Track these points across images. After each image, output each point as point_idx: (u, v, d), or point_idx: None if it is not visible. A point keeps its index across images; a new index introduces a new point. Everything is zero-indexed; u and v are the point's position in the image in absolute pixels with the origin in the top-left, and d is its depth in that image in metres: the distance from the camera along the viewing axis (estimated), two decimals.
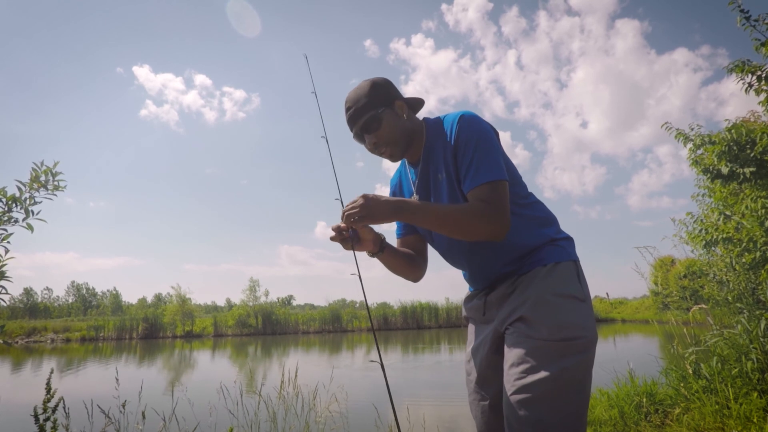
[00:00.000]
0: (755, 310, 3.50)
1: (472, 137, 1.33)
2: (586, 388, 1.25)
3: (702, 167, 4.45)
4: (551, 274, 1.34)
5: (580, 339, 1.25)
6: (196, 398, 4.11)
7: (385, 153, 1.44)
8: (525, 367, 1.23)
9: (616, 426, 3.41)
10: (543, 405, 1.19)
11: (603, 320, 32.49)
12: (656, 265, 17.76)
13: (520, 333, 1.28)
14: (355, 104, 1.42)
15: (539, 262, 1.36)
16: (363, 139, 1.45)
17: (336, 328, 30.51)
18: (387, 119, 1.41)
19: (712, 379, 3.33)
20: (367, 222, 1.27)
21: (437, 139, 1.42)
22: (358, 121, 1.41)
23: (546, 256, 1.37)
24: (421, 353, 15.43)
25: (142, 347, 22.51)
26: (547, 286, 1.32)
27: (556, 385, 1.19)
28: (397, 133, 1.42)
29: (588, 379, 1.26)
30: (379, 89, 1.43)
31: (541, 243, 1.39)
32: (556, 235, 1.43)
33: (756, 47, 3.90)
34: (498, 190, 1.29)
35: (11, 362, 16.49)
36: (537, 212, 1.45)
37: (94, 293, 62.44)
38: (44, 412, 2.31)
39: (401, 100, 1.46)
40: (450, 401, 6.76)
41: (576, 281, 1.36)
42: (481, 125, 1.35)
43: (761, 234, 3.60)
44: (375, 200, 1.27)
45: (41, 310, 53.52)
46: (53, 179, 2.10)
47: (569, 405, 1.20)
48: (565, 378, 1.20)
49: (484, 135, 1.34)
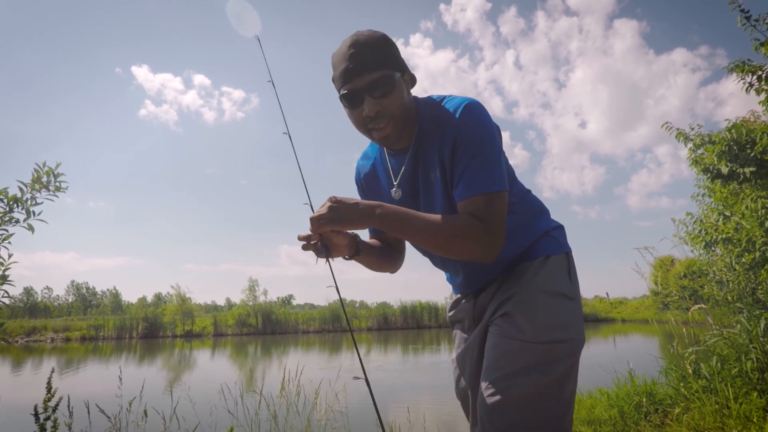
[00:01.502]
0: (755, 310, 3.51)
1: (476, 137, 1.12)
2: (567, 395, 1.15)
3: (702, 167, 4.46)
4: (541, 268, 1.23)
5: (565, 342, 1.15)
6: (197, 398, 4.11)
7: (382, 129, 1.15)
8: (504, 370, 1.14)
9: (616, 426, 3.41)
10: (518, 410, 1.10)
11: (603, 320, 32.50)
12: (656, 265, 17.77)
13: (502, 331, 1.18)
14: (368, 50, 1.10)
15: (530, 256, 1.26)
16: (359, 101, 1.13)
17: (336, 327, 30.50)
18: (399, 87, 1.14)
19: (711, 378, 3.33)
20: (335, 228, 1.10)
21: (434, 128, 1.19)
22: (366, 75, 1.10)
23: (538, 249, 1.26)
24: (421, 353, 15.44)
25: (142, 346, 22.51)
26: (536, 281, 1.21)
27: (535, 391, 1.11)
28: (403, 110, 1.16)
29: (571, 385, 1.16)
30: (396, 50, 1.16)
31: (536, 237, 1.29)
32: (549, 225, 1.33)
33: (756, 47, 3.91)
34: (495, 204, 1.11)
35: (11, 361, 16.50)
36: (531, 205, 1.34)
37: (94, 293, 62.47)
38: (45, 412, 2.32)
39: (410, 72, 1.20)
40: (450, 401, 6.76)
41: (566, 277, 1.25)
42: (488, 123, 1.15)
43: (761, 234, 3.61)
44: (344, 204, 1.10)
45: (41, 309, 53.54)
46: (55, 180, 2.10)
47: (547, 411, 1.11)
48: (545, 383, 1.11)
49: (489, 136, 1.13)
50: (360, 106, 1.13)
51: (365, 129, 1.18)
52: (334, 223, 1.09)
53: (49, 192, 2.10)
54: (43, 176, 2.06)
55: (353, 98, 1.13)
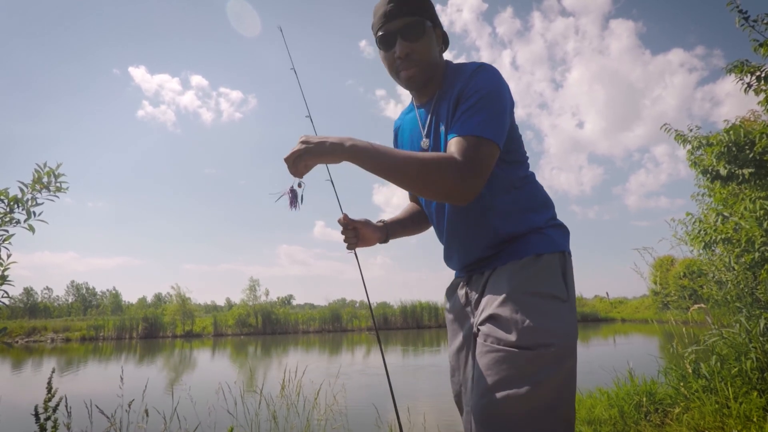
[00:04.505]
0: (754, 310, 3.51)
1: (482, 88, 1.13)
2: (562, 404, 1.06)
3: (701, 168, 4.46)
4: (531, 267, 1.16)
5: (553, 347, 1.05)
6: (197, 398, 4.11)
7: (410, 71, 1.23)
8: (490, 382, 1.06)
9: (616, 425, 3.41)
10: (509, 425, 1.03)
11: (603, 320, 32.55)
12: (656, 265, 17.78)
13: (487, 338, 1.12)
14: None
15: (519, 253, 1.19)
16: (392, 44, 1.22)
17: (336, 327, 30.51)
18: (429, 35, 1.23)
19: (711, 378, 3.34)
20: (308, 162, 1.09)
21: (450, 85, 1.25)
22: (400, 19, 1.20)
23: (527, 246, 1.20)
24: (421, 353, 15.43)
25: (142, 347, 22.50)
26: (524, 281, 1.14)
27: (526, 406, 1.02)
28: (431, 57, 1.24)
29: (566, 394, 1.08)
30: (431, 5, 1.26)
31: (525, 230, 1.22)
32: (545, 223, 1.25)
33: (754, 48, 3.91)
34: (481, 149, 1.07)
35: (11, 362, 16.49)
36: (531, 194, 1.27)
37: (93, 293, 62.39)
38: (45, 412, 2.32)
39: (443, 30, 1.31)
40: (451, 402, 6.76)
41: (559, 278, 1.17)
42: (498, 80, 1.16)
43: (760, 234, 3.61)
44: (313, 138, 1.09)
45: (41, 309, 53.48)
46: (56, 180, 2.10)
47: (540, 424, 1.03)
48: (537, 395, 1.03)
49: (496, 89, 1.14)
50: (392, 48, 1.23)
51: (395, 71, 1.26)
52: (303, 156, 1.07)
53: (50, 192, 2.10)
54: (44, 176, 2.06)
55: (387, 41, 1.23)
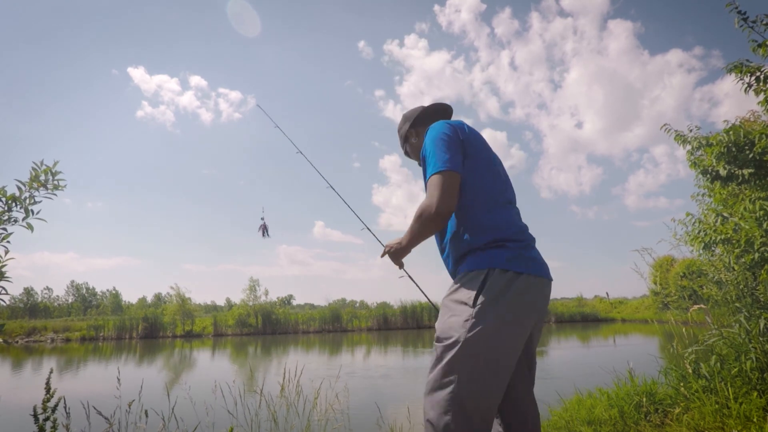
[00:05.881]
0: (754, 310, 3.50)
1: (425, 146, 1.57)
2: (462, 391, 1.29)
3: (701, 168, 4.45)
4: (459, 280, 1.47)
5: (449, 339, 1.35)
6: (197, 398, 4.10)
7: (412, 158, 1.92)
8: None
9: (616, 425, 3.41)
10: (428, 399, 1.35)
11: (603, 320, 32.55)
12: (656, 265, 17.77)
13: None
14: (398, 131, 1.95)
15: (461, 270, 1.50)
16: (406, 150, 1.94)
17: (336, 327, 30.51)
18: (411, 144, 1.89)
19: (711, 378, 3.33)
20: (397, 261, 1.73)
21: None
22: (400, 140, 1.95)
23: (464, 264, 1.49)
24: (421, 353, 15.43)
25: (142, 347, 22.50)
26: (450, 291, 1.47)
27: (434, 382, 1.34)
28: (416, 152, 1.86)
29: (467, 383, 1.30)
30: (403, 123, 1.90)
31: (464, 252, 1.50)
32: (484, 245, 1.46)
33: (753, 48, 3.90)
34: (434, 181, 1.44)
35: (11, 362, 16.49)
36: (474, 218, 1.49)
37: (93, 293, 62.36)
38: (44, 412, 2.31)
39: (412, 128, 1.86)
40: None
41: (475, 288, 1.38)
42: (434, 130, 1.56)
43: (760, 234, 3.60)
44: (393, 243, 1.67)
45: (41, 309, 53.47)
46: (53, 178, 2.10)
47: (437, 398, 1.32)
48: (439, 374, 1.34)
49: (431, 136, 1.54)
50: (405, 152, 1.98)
51: None
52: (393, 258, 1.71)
53: (48, 190, 2.09)
54: (41, 174, 2.05)
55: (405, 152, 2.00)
